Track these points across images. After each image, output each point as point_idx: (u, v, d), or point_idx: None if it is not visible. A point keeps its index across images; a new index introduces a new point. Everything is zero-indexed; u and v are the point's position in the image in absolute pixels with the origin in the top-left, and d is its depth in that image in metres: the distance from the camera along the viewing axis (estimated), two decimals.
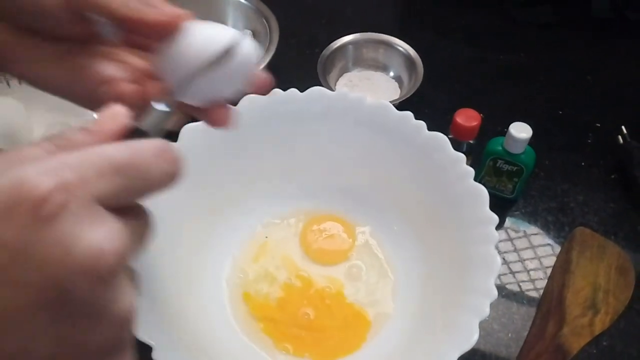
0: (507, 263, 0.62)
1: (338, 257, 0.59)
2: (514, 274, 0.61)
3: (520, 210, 0.66)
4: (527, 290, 0.60)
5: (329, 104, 0.58)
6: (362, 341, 0.53)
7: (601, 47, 0.85)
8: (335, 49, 0.77)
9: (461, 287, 0.48)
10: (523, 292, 0.60)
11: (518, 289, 0.60)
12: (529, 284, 0.61)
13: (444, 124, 0.63)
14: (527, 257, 0.63)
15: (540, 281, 0.61)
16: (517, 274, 0.61)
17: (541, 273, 0.61)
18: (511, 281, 0.61)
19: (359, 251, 0.59)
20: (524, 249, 0.63)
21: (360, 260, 0.59)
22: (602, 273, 0.60)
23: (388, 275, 0.58)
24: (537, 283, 0.61)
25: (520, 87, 0.80)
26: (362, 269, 0.58)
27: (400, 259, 0.58)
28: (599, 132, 0.74)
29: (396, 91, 0.76)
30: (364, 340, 0.53)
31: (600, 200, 0.67)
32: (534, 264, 0.62)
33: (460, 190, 0.52)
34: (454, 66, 0.82)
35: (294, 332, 0.54)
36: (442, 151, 0.54)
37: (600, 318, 0.57)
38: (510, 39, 0.86)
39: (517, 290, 0.60)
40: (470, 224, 0.50)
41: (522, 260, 0.63)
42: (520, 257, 0.63)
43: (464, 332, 0.44)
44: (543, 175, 0.69)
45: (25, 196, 0.19)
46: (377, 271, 0.58)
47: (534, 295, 0.60)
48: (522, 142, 0.59)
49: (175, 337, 0.46)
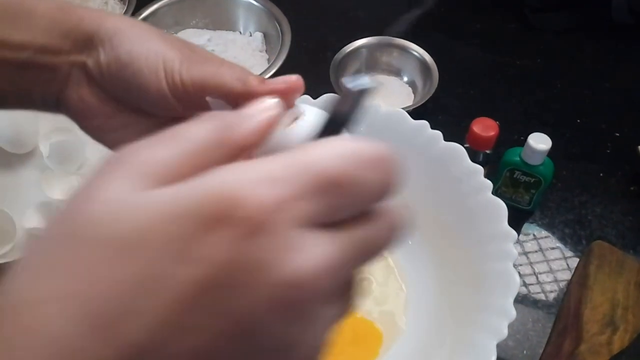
0: (522, 277, 0.60)
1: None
2: (529, 289, 0.60)
3: (537, 222, 0.65)
4: (543, 306, 0.59)
5: None
6: (374, 357, 0.52)
7: (620, 53, 0.84)
8: (348, 52, 0.75)
9: (477, 305, 0.46)
10: (538, 308, 0.58)
11: (533, 304, 0.59)
12: (545, 299, 0.59)
13: (459, 132, 0.61)
14: (543, 271, 0.61)
15: (556, 296, 0.59)
16: (532, 289, 0.60)
17: (557, 288, 0.60)
18: (526, 296, 0.59)
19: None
20: (540, 262, 0.62)
21: (372, 273, 0.57)
22: (621, 289, 0.58)
23: (401, 289, 0.56)
24: (553, 297, 0.59)
25: (537, 93, 0.78)
26: (372, 282, 0.57)
27: (414, 272, 0.57)
28: (618, 141, 0.72)
29: (410, 96, 0.75)
30: (376, 356, 0.52)
31: (619, 212, 0.65)
32: (550, 278, 0.61)
33: (478, 203, 0.50)
34: (470, 71, 0.81)
35: None
36: (459, 162, 0.52)
37: (619, 336, 0.55)
38: (527, 45, 0.84)
39: (532, 305, 0.59)
40: (488, 239, 0.48)
41: (538, 274, 0.61)
42: (535, 271, 0.61)
43: (481, 353, 0.42)
44: (560, 185, 0.67)
45: (236, 209, 0.17)
46: (390, 284, 0.57)
47: (550, 311, 0.58)
48: (541, 153, 0.57)
49: None
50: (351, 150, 0.19)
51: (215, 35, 0.81)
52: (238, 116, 0.21)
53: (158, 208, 0.18)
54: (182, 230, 0.17)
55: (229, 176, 0.18)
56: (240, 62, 0.76)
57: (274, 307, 0.18)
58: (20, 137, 0.66)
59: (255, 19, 0.80)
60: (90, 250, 0.18)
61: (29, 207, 0.61)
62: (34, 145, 0.68)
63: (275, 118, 0.22)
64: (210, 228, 0.17)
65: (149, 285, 0.17)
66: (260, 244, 0.17)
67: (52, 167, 0.65)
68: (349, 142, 0.19)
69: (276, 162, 0.18)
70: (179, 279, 0.17)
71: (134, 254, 0.17)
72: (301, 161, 0.18)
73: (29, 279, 0.18)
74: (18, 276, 0.19)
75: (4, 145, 0.67)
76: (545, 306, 0.59)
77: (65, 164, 0.65)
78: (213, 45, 0.79)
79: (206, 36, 0.80)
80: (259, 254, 0.17)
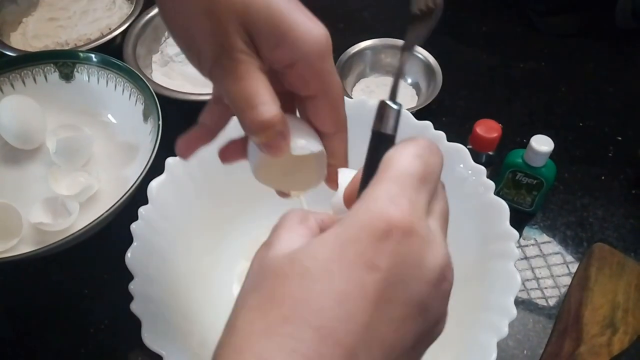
0: (523, 278, 0.61)
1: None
2: (529, 289, 0.60)
3: (538, 224, 0.65)
4: (544, 307, 0.59)
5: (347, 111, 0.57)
6: None
7: (624, 58, 0.84)
8: (353, 54, 0.76)
9: (479, 304, 0.47)
10: (539, 309, 0.59)
11: (534, 305, 0.59)
12: (546, 301, 0.59)
13: (463, 133, 0.62)
14: (544, 273, 0.61)
15: (557, 298, 0.59)
16: (533, 290, 0.60)
17: (558, 289, 0.60)
18: (527, 296, 0.60)
19: None
20: (541, 264, 0.62)
21: None
22: (622, 291, 0.58)
23: None
24: (553, 299, 0.59)
25: (541, 96, 0.78)
26: None
27: None
28: (620, 145, 0.72)
29: (413, 98, 0.75)
30: None
31: (620, 215, 0.66)
32: (551, 279, 0.61)
33: (480, 203, 0.51)
34: (474, 74, 0.81)
35: None
36: (462, 163, 0.53)
37: (619, 337, 0.55)
38: (531, 48, 0.85)
39: (533, 306, 0.59)
40: (490, 239, 0.49)
41: (539, 275, 0.61)
42: (536, 273, 0.61)
43: (482, 351, 0.43)
44: (562, 188, 0.68)
45: (390, 224, 0.23)
46: None
47: (551, 311, 0.58)
48: (544, 155, 0.58)
49: (185, 346, 0.46)
50: (416, 150, 0.25)
51: None
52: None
53: (336, 240, 0.24)
54: (361, 247, 0.23)
55: (372, 204, 0.24)
56: None
57: (436, 285, 0.24)
58: (28, 134, 0.67)
59: None
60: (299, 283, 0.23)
61: (36, 202, 0.62)
62: (41, 142, 0.69)
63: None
64: (379, 240, 0.23)
65: (345, 297, 0.22)
66: (412, 242, 0.23)
67: (59, 163, 0.66)
68: (411, 145, 0.26)
69: (388, 182, 0.24)
70: (368, 285, 0.23)
71: (328, 276, 0.23)
72: (400, 173, 0.25)
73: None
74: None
75: (12, 141, 0.67)
76: (546, 307, 0.59)
77: (72, 160, 0.66)
78: None
79: None
80: (414, 250, 0.23)
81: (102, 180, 0.66)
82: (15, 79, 0.69)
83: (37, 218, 0.61)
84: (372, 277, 0.22)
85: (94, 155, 0.68)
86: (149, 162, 0.58)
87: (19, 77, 0.69)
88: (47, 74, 0.69)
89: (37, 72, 0.69)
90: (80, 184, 0.65)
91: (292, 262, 0.24)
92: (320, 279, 0.23)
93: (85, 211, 0.62)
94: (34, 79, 0.69)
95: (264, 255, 0.25)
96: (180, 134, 0.36)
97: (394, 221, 0.23)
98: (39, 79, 0.70)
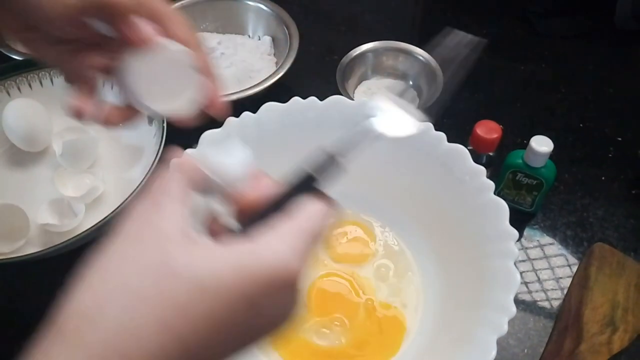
0: (524, 277, 0.61)
1: (362, 259, 0.59)
2: (530, 289, 0.61)
3: (539, 224, 0.66)
4: (544, 306, 0.59)
5: (349, 112, 0.58)
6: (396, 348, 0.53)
7: (623, 59, 0.84)
8: (355, 56, 0.77)
9: (479, 302, 0.47)
10: (540, 308, 0.59)
11: (535, 304, 0.60)
12: (546, 299, 0.60)
13: (464, 135, 0.62)
14: (545, 273, 0.62)
15: (557, 297, 0.60)
16: (534, 289, 0.61)
17: (558, 288, 0.61)
18: (528, 296, 0.60)
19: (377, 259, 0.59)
20: (542, 264, 0.63)
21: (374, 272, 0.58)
22: (621, 290, 0.59)
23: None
24: (554, 299, 0.60)
25: (541, 98, 0.79)
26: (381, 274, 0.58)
27: (417, 269, 0.58)
28: (620, 146, 0.73)
29: (415, 100, 0.76)
30: (398, 348, 0.53)
31: (620, 215, 0.66)
32: (552, 279, 0.61)
33: (480, 203, 0.51)
34: (474, 76, 0.81)
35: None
36: (463, 163, 0.53)
37: (618, 336, 0.56)
38: (531, 50, 0.85)
39: (533, 305, 0.59)
40: (490, 238, 0.49)
41: (539, 275, 0.62)
42: (537, 272, 0.62)
43: (482, 348, 0.43)
44: (563, 189, 0.68)
45: (290, 276, 0.27)
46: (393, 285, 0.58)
47: (551, 310, 0.59)
48: (543, 155, 0.58)
49: None
50: (322, 212, 0.30)
51: (225, 38, 0.82)
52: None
53: (231, 263, 0.26)
54: (254, 290, 0.26)
55: (269, 250, 0.27)
56: (249, 65, 0.78)
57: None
58: (34, 136, 0.68)
59: (264, 23, 0.82)
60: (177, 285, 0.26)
61: (42, 203, 0.63)
62: (47, 144, 0.70)
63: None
64: (274, 290, 0.26)
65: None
66: (294, 290, 0.27)
67: (65, 165, 0.66)
68: (318, 207, 0.30)
69: (290, 234, 0.28)
70: (255, 329, 0.27)
71: (212, 296, 0.25)
72: (302, 230, 0.28)
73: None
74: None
75: (18, 143, 0.68)
76: (546, 307, 0.59)
77: (78, 162, 0.67)
78: (223, 48, 0.81)
79: (216, 39, 0.82)
80: (293, 297, 0.28)
81: (107, 181, 0.67)
82: (22, 82, 0.70)
83: (44, 219, 0.62)
84: (259, 322, 0.27)
85: (100, 157, 0.69)
86: (153, 164, 0.59)
87: (25, 80, 0.70)
88: (53, 77, 0.70)
89: (44, 76, 0.70)
90: (86, 185, 0.65)
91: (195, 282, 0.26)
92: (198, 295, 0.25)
93: (91, 212, 0.63)
94: (40, 82, 0.70)
95: (153, 221, 0.29)
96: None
97: (291, 274, 0.27)
98: (45, 82, 0.70)
